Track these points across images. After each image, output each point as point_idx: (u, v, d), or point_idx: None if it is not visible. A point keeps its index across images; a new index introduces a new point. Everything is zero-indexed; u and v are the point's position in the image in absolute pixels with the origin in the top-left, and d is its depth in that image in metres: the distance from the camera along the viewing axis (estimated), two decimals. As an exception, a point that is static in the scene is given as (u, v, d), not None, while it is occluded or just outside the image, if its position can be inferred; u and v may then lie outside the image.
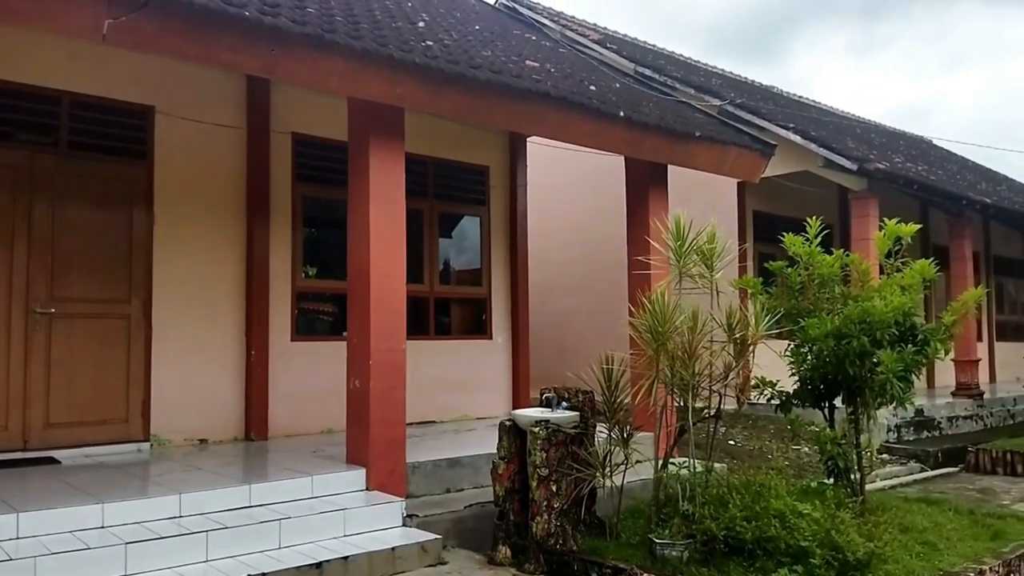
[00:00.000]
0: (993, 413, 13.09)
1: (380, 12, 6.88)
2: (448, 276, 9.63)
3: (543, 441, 5.51)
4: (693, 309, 5.69)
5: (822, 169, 11.44)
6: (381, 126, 6.05)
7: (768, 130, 11.28)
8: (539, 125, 7.16)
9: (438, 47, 6.41)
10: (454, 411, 8.99)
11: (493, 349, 9.51)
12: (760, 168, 9.22)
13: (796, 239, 6.52)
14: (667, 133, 7.97)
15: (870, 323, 5.85)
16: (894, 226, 6.31)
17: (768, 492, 5.48)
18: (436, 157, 9.03)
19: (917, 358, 5.93)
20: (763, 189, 12.07)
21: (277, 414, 7.61)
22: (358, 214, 6.09)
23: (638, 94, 9.27)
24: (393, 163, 6.12)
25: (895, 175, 11.47)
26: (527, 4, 13.41)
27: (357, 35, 5.65)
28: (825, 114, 17.32)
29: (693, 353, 5.64)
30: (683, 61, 16.36)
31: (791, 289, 6.58)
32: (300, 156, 8.02)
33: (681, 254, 5.92)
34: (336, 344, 6.86)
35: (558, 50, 10.50)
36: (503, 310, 9.62)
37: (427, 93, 6.04)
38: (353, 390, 6.05)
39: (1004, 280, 18.45)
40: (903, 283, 6.16)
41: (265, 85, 7.59)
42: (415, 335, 7.93)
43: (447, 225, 9.57)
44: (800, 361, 6.38)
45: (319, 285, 8.23)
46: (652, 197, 8.26)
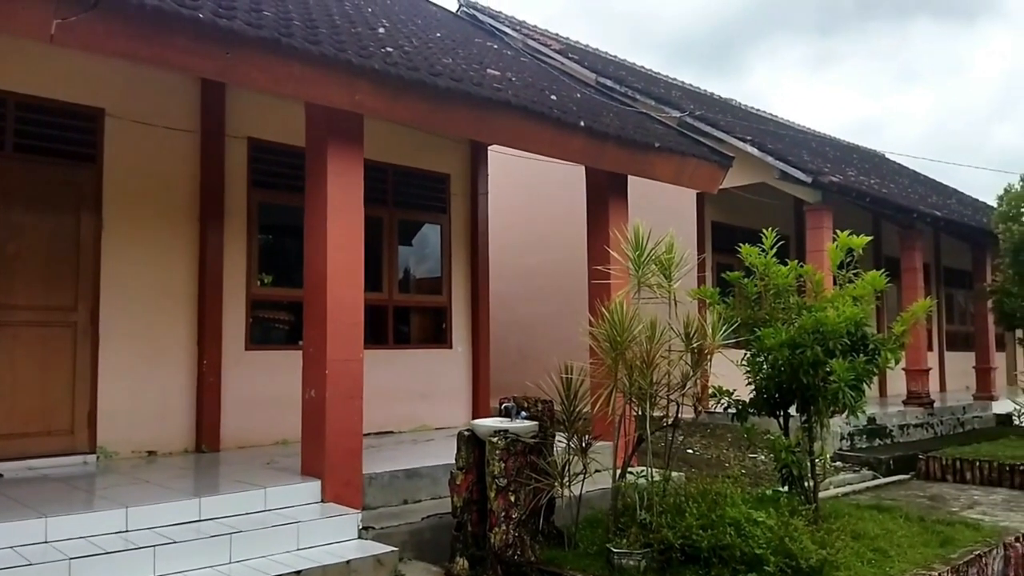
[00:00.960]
0: (943, 421, 13.39)
1: (339, 17, 6.82)
2: (408, 284, 9.55)
3: (502, 451, 5.48)
4: (651, 318, 5.73)
5: (778, 181, 11.62)
6: (339, 132, 5.98)
7: (726, 142, 11.43)
8: (500, 134, 7.15)
9: (398, 54, 6.36)
10: (413, 421, 8.91)
11: (453, 358, 9.44)
12: (718, 179, 9.32)
13: (752, 250, 6.60)
14: (627, 143, 8.02)
15: (823, 333, 5.94)
16: (846, 238, 6.42)
17: (724, 500, 5.52)
18: (396, 164, 8.96)
19: (868, 367, 6.04)
20: (722, 200, 12.22)
21: (230, 425, 7.45)
22: (315, 221, 6.00)
23: (599, 104, 9.32)
24: (351, 170, 6.05)
25: (848, 188, 11.70)
26: (489, 12, 13.43)
27: (315, 40, 5.58)
28: (782, 127, 17.62)
29: (651, 362, 5.67)
30: (644, 73, 16.52)
31: (748, 299, 6.66)
32: (256, 161, 7.89)
33: (640, 264, 5.97)
34: (292, 353, 6.75)
35: (519, 59, 10.52)
36: (463, 319, 9.57)
37: (386, 100, 5.98)
38: (309, 400, 5.95)
39: (954, 291, 18.91)
40: (855, 294, 6.27)
41: (220, 88, 7.46)
42: (373, 344, 7.84)
43: (407, 233, 9.50)
44: (756, 370, 6.46)
45: (275, 293, 8.10)
46: (612, 207, 8.29)
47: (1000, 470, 9.90)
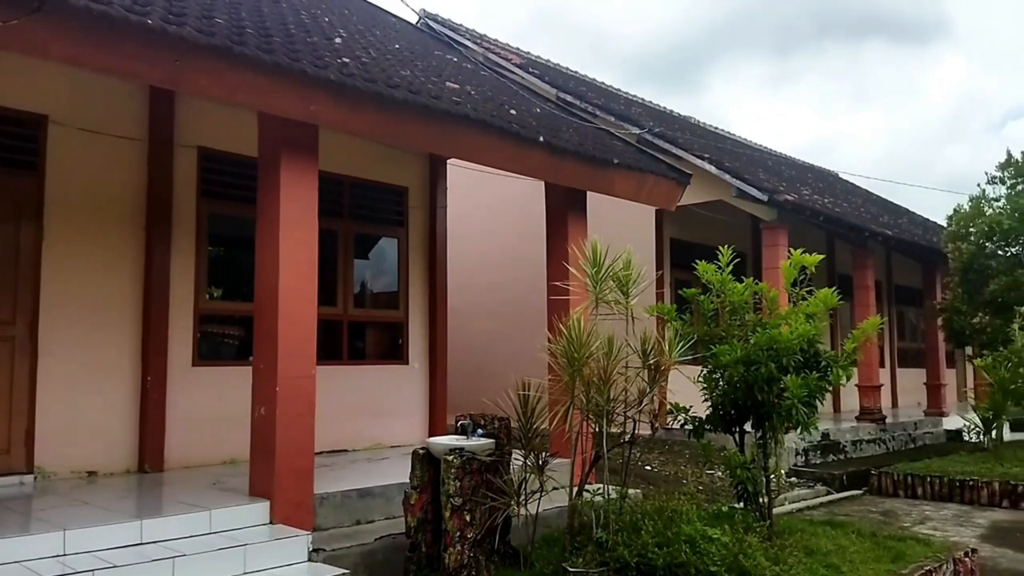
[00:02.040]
0: (895, 437, 13.60)
1: (295, 26, 6.71)
2: (364, 299, 9.39)
3: (457, 469, 5.38)
4: (609, 335, 5.70)
5: (735, 199, 11.75)
6: (293, 143, 5.86)
7: (684, 159, 11.55)
8: (458, 147, 7.10)
9: (355, 64, 6.27)
10: (367, 439, 8.73)
11: (409, 374, 9.30)
12: (676, 196, 9.37)
13: (709, 267, 6.63)
14: (586, 159, 8.02)
15: (777, 350, 5.99)
16: (799, 256, 6.48)
17: (680, 518, 5.51)
18: (353, 176, 8.83)
19: (821, 384, 6.10)
20: (680, 217, 12.31)
21: (175, 444, 7.21)
22: (267, 234, 5.86)
23: (559, 120, 9.32)
24: (306, 181, 5.93)
25: (803, 206, 11.88)
26: (449, 25, 13.41)
27: (269, 48, 5.47)
28: (739, 146, 17.86)
29: (608, 379, 5.65)
30: (604, 89, 16.65)
31: (704, 316, 6.68)
32: (206, 171, 7.69)
33: (597, 280, 5.95)
34: (241, 369, 6.55)
35: (479, 72, 10.49)
36: (420, 334, 9.43)
37: (342, 111, 5.89)
38: (258, 418, 5.79)
39: (905, 309, 19.30)
40: (808, 311, 6.33)
41: (170, 96, 7.28)
42: (327, 360, 7.69)
43: (363, 246, 9.35)
44: (712, 387, 6.48)
45: (224, 307, 7.90)
46: (571, 222, 8.28)
47: (950, 485, 10.07)
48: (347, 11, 9.73)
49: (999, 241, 13.27)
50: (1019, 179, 13.60)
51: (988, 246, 13.25)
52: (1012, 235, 13.07)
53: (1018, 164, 13.66)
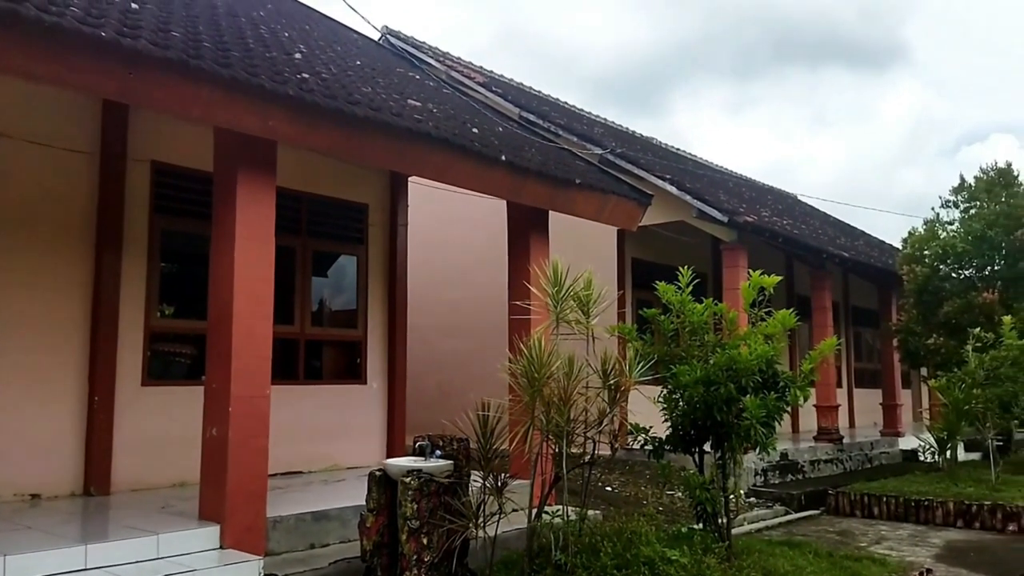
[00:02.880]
0: (852, 457, 13.76)
1: (254, 41, 6.63)
2: (321, 317, 9.27)
3: (414, 492, 5.29)
4: (569, 355, 5.67)
5: (696, 220, 11.85)
6: (251, 158, 5.77)
7: (646, 180, 11.64)
8: (419, 165, 7.06)
9: (315, 80, 6.21)
10: (323, 460, 8.57)
11: (367, 394, 9.17)
12: (637, 217, 9.42)
13: (669, 287, 6.65)
14: (548, 179, 8.03)
15: (736, 370, 6.01)
16: (758, 277, 6.53)
17: (639, 539, 5.48)
18: (312, 193, 8.73)
19: (779, 404, 6.13)
20: (642, 237, 12.38)
21: (122, 466, 7.00)
22: (222, 250, 5.76)
23: (521, 139, 9.33)
24: (263, 197, 5.84)
25: (762, 228, 12.03)
26: (412, 42, 13.40)
27: (226, 63, 5.40)
28: (700, 167, 18.08)
29: (568, 399, 5.60)
30: (567, 109, 16.75)
31: (665, 336, 6.69)
32: (160, 186, 7.55)
33: (558, 300, 5.92)
34: (193, 389, 6.39)
35: (442, 90, 10.48)
36: (379, 353, 9.31)
37: (301, 127, 5.83)
38: (210, 439, 5.65)
39: (862, 330, 19.60)
40: (767, 332, 6.37)
41: (123, 109, 7.13)
42: (283, 379, 7.55)
43: (322, 264, 9.24)
44: (672, 407, 6.48)
45: (177, 325, 7.73)
46: (533, 241, 8.27)
47: (906, 505, 10.18)
48: (308, 27, 9.68)
49: (953, 264, 13.57)
50: (972, 203, 13.94)
51: (942, 269, 13.53)
52: (965, 258, 13.37)
53: (971, 188, 14.01)
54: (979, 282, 13.26)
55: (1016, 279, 12.85)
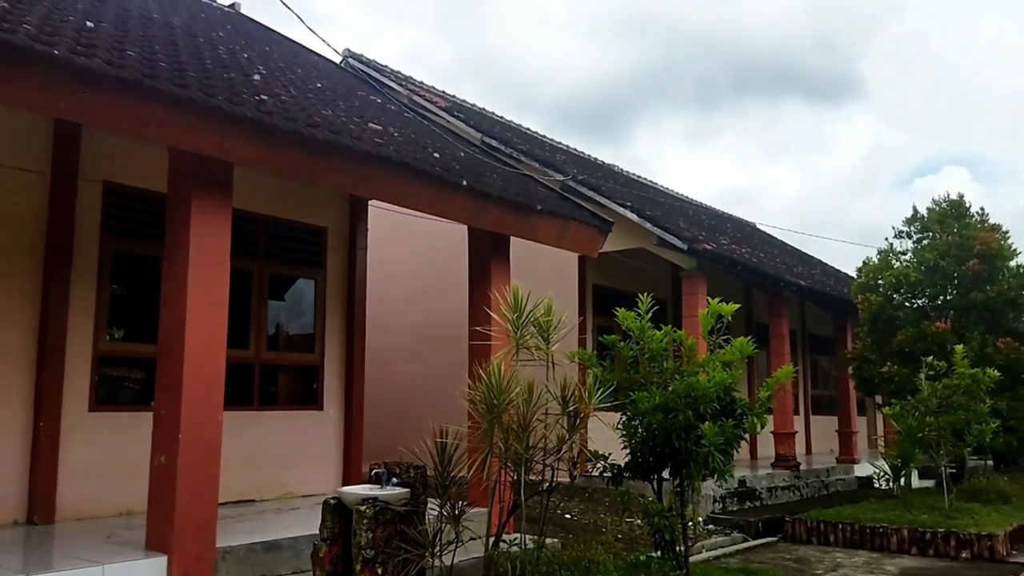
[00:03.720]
0: (809, 484, 13.87)
1: (211, 61, 6.56)
2: (278, 341, 9.11)
3: (370, 520, 5.19)
4: (529, 381, 5.64)
5: (656, 247, 11.95)
6: (206, 180, 5.69)
7: (607, 207, 11.71)
8: (379, 189, 7.03)
9: (273, 102, 6.15)
10: (277, 488, 8.38)
11: (324, 420, 9.01)
12: (598, 243, 9.46)
13: (629, 314, 6.66)
14: (510, 205, 8.04)
15: (695, 397, 6.03)
16: (716, 305, 6.58)
17: (597, 568, 5.44)
18: (269, 215, 8.61)
19: (736, 431, 6.16)
20: (604, 263, 12.44)
21: (68, 494, 6.77)
22: (175, 273, 5.65)
23: (483, 164, 9.34)
24: (218, 219, 5.75)
25: (721, 256, 12.16)
26: (374, 66, 13.40)
27: (182, 83, 5.32)
28: (661, 194, 18.28)
29: (527, 426, 5.57)
30: (530, 135, 16.85)
31: (624, 362, 6.69)
32: (112, 207, 7.39)
33: (518, 326, 5.90)
34: (143, 415, 6.21)
35: (403, 114, 10.47)
36: (336, 378, 9.18)
37: (259, 149, 5.77)
38: (158, 466, 5.51)
39: (818, 357, 19.88)
40: (725, 359, 6.41)
41: (76, 128, 6.98)
42: (236, 405, 7.40)
43: (279, 287, 9.10)
44: (631, 434, 6.47)
45: (127, 349, 7.53)
46: (494, 267, 8.25)
47: (861, 532, 10.27)
48: (268, 48, 9.62)
49: (906, 293, 13.85)
50: (925, 234, 14.27)
51: (896, 298, 13.80)
52: (918, 288, 13.65)
53: (924, 219, 14.34)
54: (932, 311, 13.54)
55: (968, 309, 13.15)
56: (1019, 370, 12.57)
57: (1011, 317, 13.04)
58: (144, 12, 7.69)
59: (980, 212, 14.13)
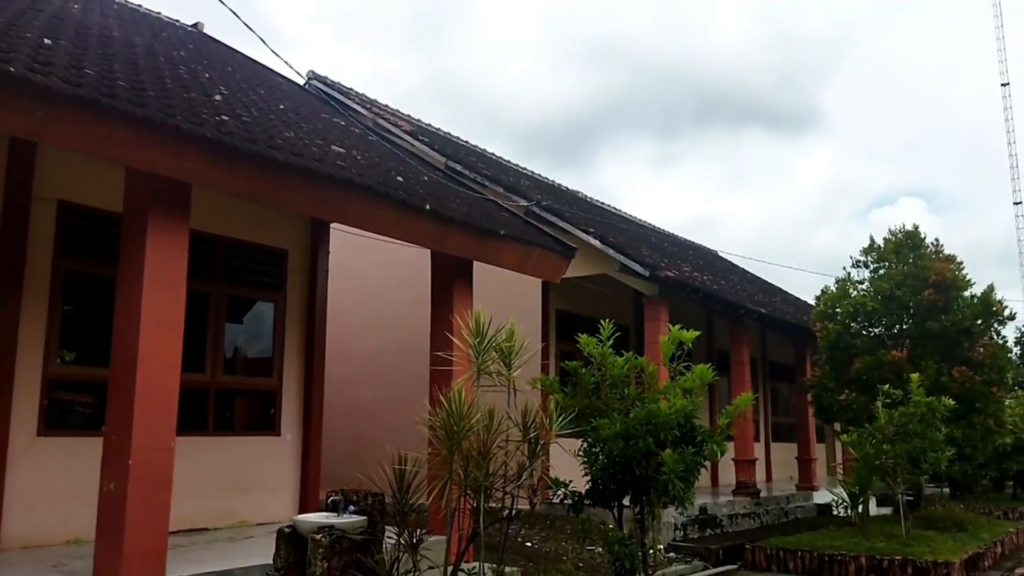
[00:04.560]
0: (768, 511, 13.94)
1: (171, 81, 6.48)
2: (235, 365, 8.94)
3: (325, 549, 5.10)
4: (490, 407, 5.60)
5: (618, 273, 12.01)
6: (163, 200, 5.60)
7: (571, 233, 11.76)
8: (341, 212, 6.99)
9: (234, 123, 6.10)
10: (231, 516, 8.18)
11: (281, 446, 8.84)
12: (561, 269, 9.48)
13: (590, 340, 6.66)
14: (473, 229, 8.04)
15: (655, 424, 6.04)
16: (677, 332, 6.62)
17: (557, 598, 5.35)
18: (229, 236, 8.49)
19: (696, 459, 6.17)
20: (567, 289, 12.47)
21: (13, 521, 6.55)
22: (129, 294, 5.54)
23: (447, 189, 9.33)
24: (175, 240, 5.66)
25: (683, 283, 12.26)
26: (339, 88, 13.36)
27: (141, 102, 5.26)
28: (624, 221, 18.43)
29: (487, 453, 5.53)
30: (494, 160, 16.91)
31: (586, 389, 6.68)
32: (66, 226, 7.24)
33: (480, 351, 5.87)
34: (95, 440, 6.03)
35: (367, 138, 10.44)
36: (295, 403, 9.03)
37: (219, 170, 5.72)
38: (107, 494, 5.36)
39: (778, 384, 20.09)
40: (685, 386, 6.43)
41: (30, 146, 6.84)
42: (190, 431, 7.24)
43: (237, 310, 8.96)
44: (592, 461, 6.44)
45: (78, 372, 7.33)
46: (457, 291, 8.22)
47: (820, 560, 10.32)
48: (230, 68, 9.56)
49: (863, 322, 14.07)
50: (881, 264, 14.54)
51: (853, 326, 14.00)
52: (875, 316, 13.88)
53: (880, 249, 14.62)
54: (888, 340, 13.76)
55: (923, 338, 13.38)
56: (973, 399, 12.80)
57: (965, 346, 13.27)
58: (104, 31, 7.61)
59: (935, 243, 14.45)
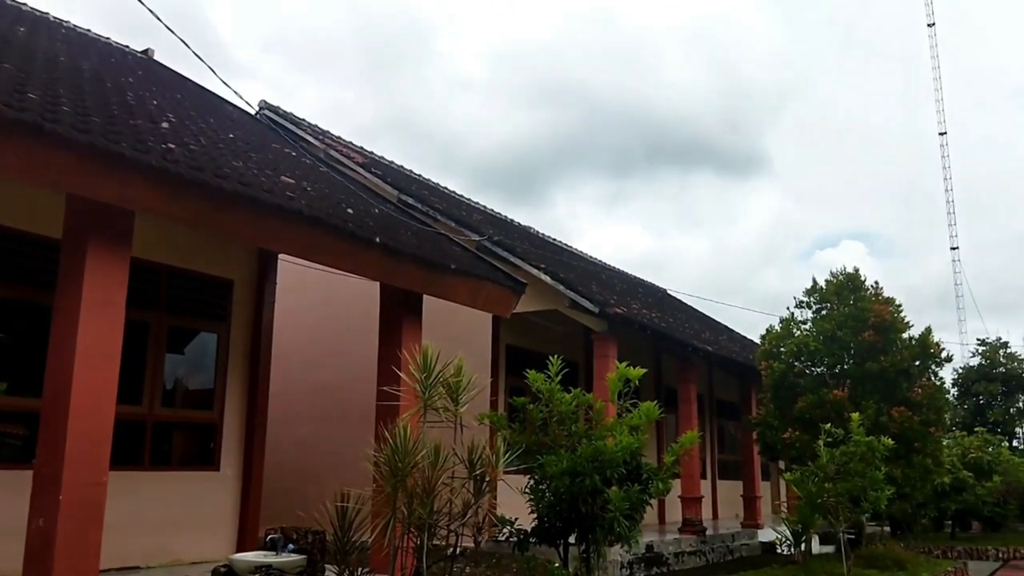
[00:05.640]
0: (715, 549, 13.98)
1: (118, 107, 6.39)
2: (174, 397, 8.68)
3: (261, 589, 4.93)
4: (436, 443, 5.55)
5: (569, 309, 12.07)
6: (104, 227, 5.49)
7: (522, 268, 11.80)
8: (290, 243, 6.92)
9: (181, 151, 6.02)
10: (165, 555, 7.87)
11: (220, 482, 8.57)
12: (511, 304, 9.49)
13: (539, 376, 6.66)
14: (423, 263, 8.02)
15: (602, 461, 6.03)
16: (624, 369, 6.66)
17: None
18: (173, 265, 8.30)
19: (642, 496, 6.18)
20: (518, 324, 12.47)
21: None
22: (64, 323, 5.39)
23: (398, 222, 9.31)
24: (115, 269, 5.54)
25: (631, 320, 12.37)
26: (291, 119, 13.27)
27: (85, 128, 5.17)
28: (575, 258, 18.58)
29: (432, 490, 5.46)
30: (447, 194, 16.93)
31: (534, 425, 6.65)
32: (0, 252, 6.99)
33: (427, 386, 5.82)
34: (23, 474, 5.79)
35: (318, 169, 10.38)
36: (236, 437, 8.77)
37: (164, 197, 5.63)
38: (36, 531, 5.15)
39: (725, 422, 20.29)
40: (632, 423, 6.45)
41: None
42: (125, 465, 7.01)
43: (179, 340, 8.73)
44: (539, 498, 6.39)
45: (9, 402, 7.01)
46: (406, 325, 8.17)
47: (763, 597, 10.36)
48: (180, 96, 9.45)
49: (806, 361, 14.34)
50: (823, 304, 14.88)
51: (797, 365, 14.26)
52: (818, 356, 14.16)
53: (822, 291, 14.98)
54: (830, 379, 14.03)
55: (863, 378, 13.67)
56: (912, 439, 13.08)
57: (904, 387, 13.59)
58: (50, 55, 7.48)
59: (875, 285, 14.85)
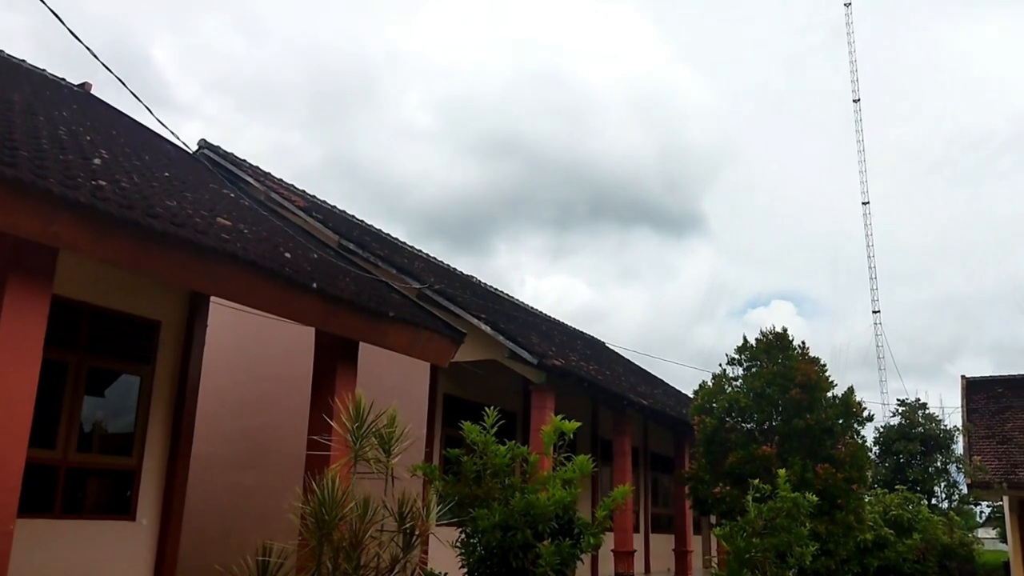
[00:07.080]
0: (645, 604, 13.89)
1: (48, 141, 6.21)
2: (91, 442, 8.26)
3: (173, 650, 4.67)
4: (366, 495, 5.43)
5: (508, 360, 12.03)
6: (25, 264, 5.30)
7: (462, 317, 11.75)
8: (222, 286, 6.78)
9: (112, 188, 5.86)
10: (74, 608, 7.45)
11: (135, 532, 8.13)
12: (450, 353, 9.42)
13: (474, 427, 6.59)
14: (361, 310, 7.92)
15: (534, 515, 5.97)
16: (558, 422, 6.64)
17: None
18: (96, 304, 7.93)
19: (573, 551, 6.12)
20: (456, 373, 12.37)
21: None
22: (-24, 361, 5.09)
23: (336, 267, 9.19)
24: (34, 307, 5.35)
25: (569, 372, 12.40)
26: (232, 159, 13.06)
27: (11, 162, 5.02)
28: (516, 308, 18.61)
29: (360, 544, 5.34)
30: (389, 240, 16.84)
31: (468, 477, 6.56)
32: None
33: (359, 436, 5.72)
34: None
35: (257, 211, 10.22)
36: (155, 485, 8.35)
37: (90, 236, 5.48)
38: (-71, 583, 4.77)
39: (659, 475, 20.37)
40: (565, 477, 6.41)
41: None
42: (34, 512, 6.64)
43: (99, 382, 8.34)
44: (470, 552, 6.27)
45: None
46: (340, 372, 8.02)
47: (694, 655, 10.30)
48: (115, 132, 9.25)
49: (737, 417, 14.53)
50: (753, 362, 15.16)
51: (728, 420, 14.44)
52: (748, 412, 14.38)
53: (752, 349, 15.27)
54: (760, 435, 14.23)
55: (790, 435, 13.91)
56: (836, 495, 13.29)
57: (828, 444, 13.86)
58: (-21, 84, 7.26)
59: (801, 345, 15.20)
